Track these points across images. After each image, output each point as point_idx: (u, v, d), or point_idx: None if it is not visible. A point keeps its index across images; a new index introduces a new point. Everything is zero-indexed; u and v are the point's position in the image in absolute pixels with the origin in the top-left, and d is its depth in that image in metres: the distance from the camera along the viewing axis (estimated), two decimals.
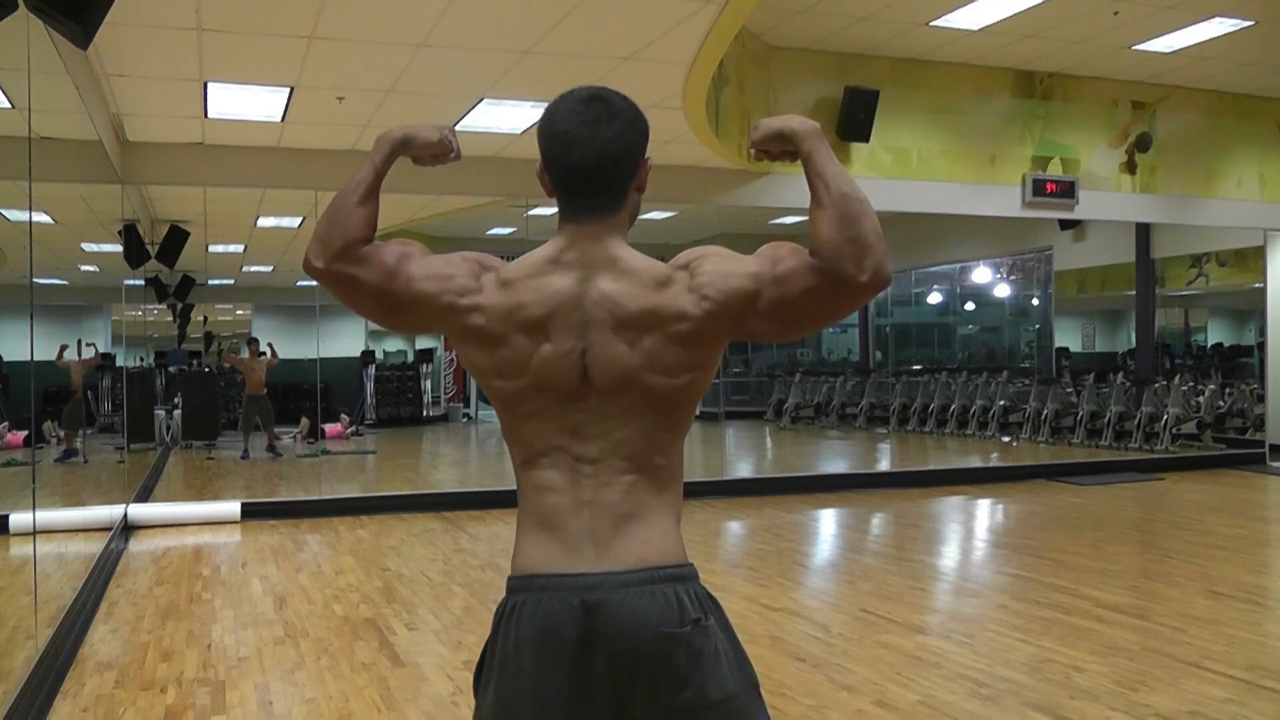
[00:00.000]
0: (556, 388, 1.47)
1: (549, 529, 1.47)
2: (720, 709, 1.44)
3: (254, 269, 16.42)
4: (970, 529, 8.31)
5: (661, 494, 1.49)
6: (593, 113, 1.49)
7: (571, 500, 1.47)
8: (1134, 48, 8.88)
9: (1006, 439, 13.31)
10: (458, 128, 7.73)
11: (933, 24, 8.22)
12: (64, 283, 10.73)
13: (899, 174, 9.30)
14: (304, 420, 14.18)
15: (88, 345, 10.05)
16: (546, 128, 1.52)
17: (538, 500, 1.49)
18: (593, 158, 1.48)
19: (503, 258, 1.62)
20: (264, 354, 12.81)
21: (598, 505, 1.46)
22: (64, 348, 9.45)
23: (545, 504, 1.48)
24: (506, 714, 1.45)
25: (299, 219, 11.54)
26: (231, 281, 17.61)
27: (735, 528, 8.05)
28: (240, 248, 13.98)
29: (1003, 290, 16.55)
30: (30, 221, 4.86)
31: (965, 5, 7.76)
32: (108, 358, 11.88)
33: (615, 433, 1.47)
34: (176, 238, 10.56)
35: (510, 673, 1.44)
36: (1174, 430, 11.58)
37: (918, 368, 16.26)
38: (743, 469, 12.33)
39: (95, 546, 6.53)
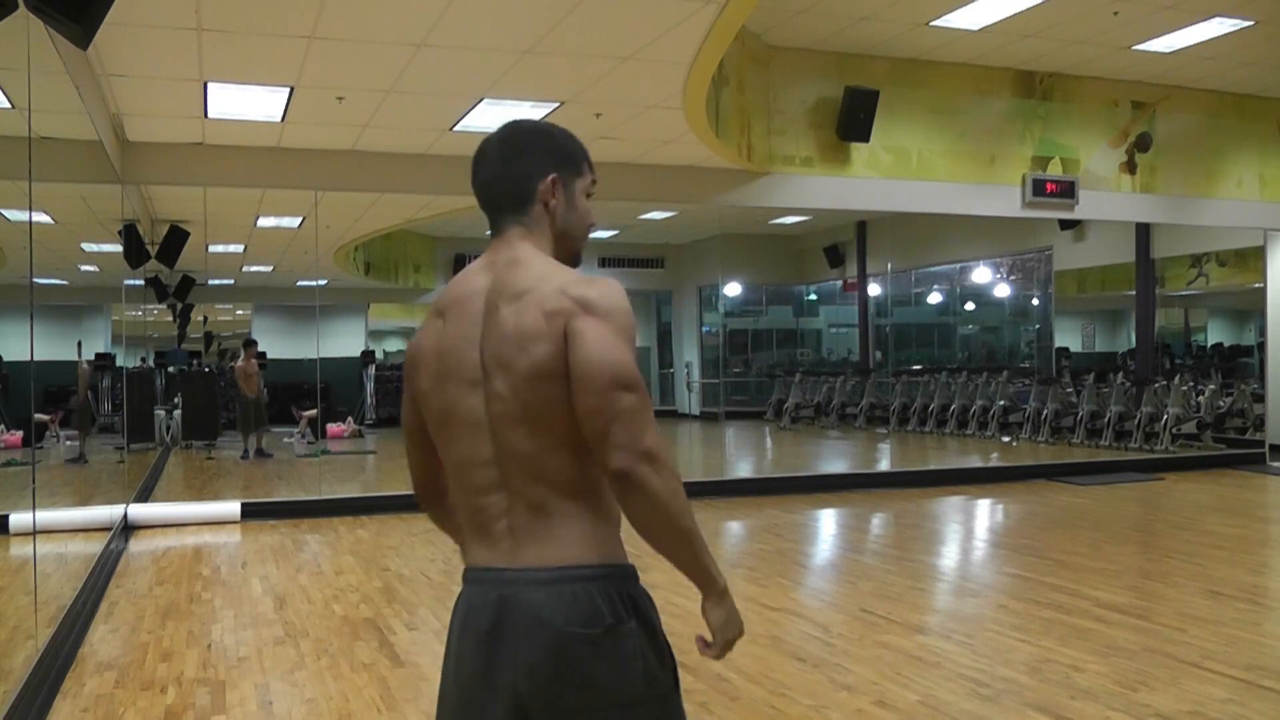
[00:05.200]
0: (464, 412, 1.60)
1: (479, 529, 1.60)
2: (615, 713, 1.49)
3: (254, 269, 16.41)
4: (970, 529, 8.31)
5: (575, 499, 1.54)
6: (498, 138, 1.69)
7: (495, 504, 1.57)
8: (1134, 48, 8.88)
9: (1006, 439, 13.31)
10: (457, 128, 7.73)
11: (933, 24, 8.22)
12: (64, 283, 10.71)
13: (899, 174, 9.30)
14: (306, 414, 14.09)
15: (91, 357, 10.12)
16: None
17: (468, 504, 1.61)
18: (487, 176, 1.68)
19: None
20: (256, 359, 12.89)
21: (514, 510, 1.56)
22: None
23: (474, 506, 1.60)
24: (441, 695, 1.64)
25: (299, 219, 11.54)
26: (231, 281, 17.60)
27: (735, 528, 8.05)
28: (240, 248, 13.98)
29: (1003, 290, 16.55)
30: (30, 221, 4.86)
31: (965, 5, 7.76)
32: (107, 358, 11.88)
33: (516, 446, 1.54)
34: (176, 238, 10.55)
35: (448, 656, 1.63)
36: (1174, 430, 11.58)
37: (918, 368, 16.25)
38: (743, 469, 12.33)
39: (95, 546, 6.54)
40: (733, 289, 18.66)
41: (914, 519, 8.34)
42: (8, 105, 4.69)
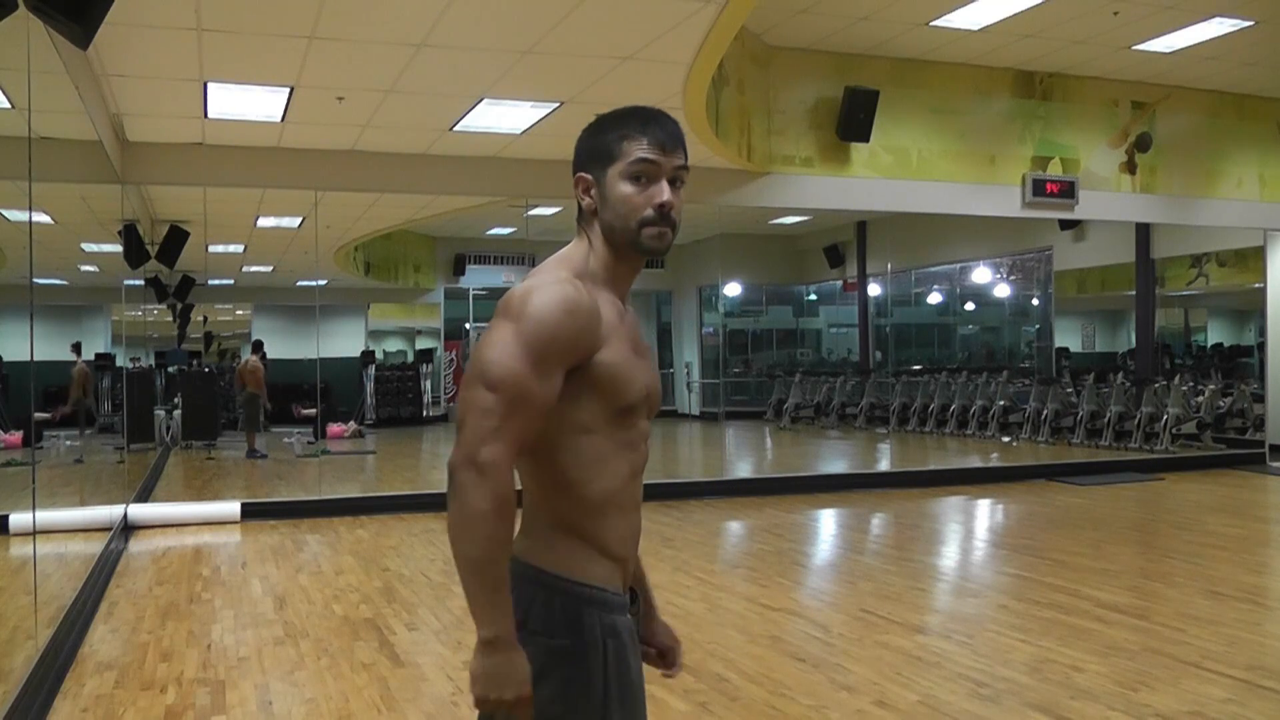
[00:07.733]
0: None
1: None
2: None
3: (254, 269, 16.41)
4: (970, 529, 8.31)
5: (537, 507, 1.61)
6: None
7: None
8: (1134, 48, 8.88)
9: (1006, 439, 13.30)
10: (457, 128, 7.73)
11: (933, 24, 8.21)
12: (64, 283, 10.71)
13: (899, 174, 9.30)
14: (313, 412, 14.01)
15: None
16: None
17: None
18: None
19: (503, 258, 1.69)
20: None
21: (524, 497, 1.66)
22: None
23: None
24: None
25: (299, 219, 11.53)
26: (231, 281, 17.60)
27: (735, 528, 8.05)
28: (240, 248, 13.97)
29: (1003, 290, 16.55)
30: (30, 221, 4.86)
31: (965, 5, 7.76)
32: (107, 358, 11.88)
33: None
34: (176, 238, 10.55)
35: None
36: (1174, 430, 11.58)
37: (918, 368, 16.25)
38: (743, 469, 12.32)
39: (95, 546, 6.54)
40: (733, 289, 18.66)
41: (914, 519, 8.34)
42: (8, 105, 4.68)
